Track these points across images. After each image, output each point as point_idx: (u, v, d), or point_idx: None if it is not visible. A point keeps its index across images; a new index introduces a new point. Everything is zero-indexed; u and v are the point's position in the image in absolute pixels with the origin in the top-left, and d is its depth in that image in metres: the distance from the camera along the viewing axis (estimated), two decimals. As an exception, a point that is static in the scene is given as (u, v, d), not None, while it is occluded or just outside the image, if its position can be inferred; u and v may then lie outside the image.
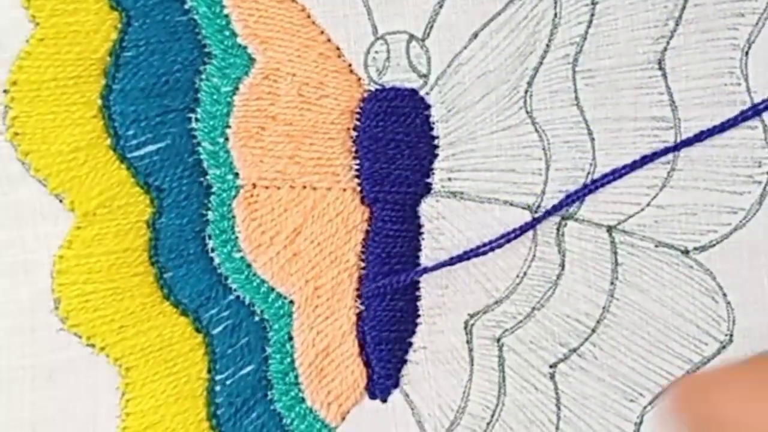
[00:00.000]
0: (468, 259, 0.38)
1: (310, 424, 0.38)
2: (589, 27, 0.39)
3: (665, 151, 0.38)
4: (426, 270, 0.38)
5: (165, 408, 0.37)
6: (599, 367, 0.39)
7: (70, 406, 0.37)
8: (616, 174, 0.38)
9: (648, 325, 0.39)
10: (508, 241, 0.38)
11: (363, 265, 0.38)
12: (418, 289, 0.38)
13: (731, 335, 0.39)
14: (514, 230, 0.38)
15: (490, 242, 0.38)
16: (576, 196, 0.38)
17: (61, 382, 0.37)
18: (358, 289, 0.38)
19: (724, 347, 0.39)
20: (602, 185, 0.39)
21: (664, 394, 0.38)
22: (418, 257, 0.38)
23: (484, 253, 0.38)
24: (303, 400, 0.38)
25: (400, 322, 0.38)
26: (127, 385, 0.37)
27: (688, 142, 0.38)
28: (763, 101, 0.39)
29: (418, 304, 0.39)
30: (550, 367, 0.39)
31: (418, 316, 0.39)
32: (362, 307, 0.38)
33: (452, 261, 0.38)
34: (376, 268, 0.38)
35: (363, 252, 0.38)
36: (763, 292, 0.39)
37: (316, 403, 0.38)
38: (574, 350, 0.39)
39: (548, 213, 0.38)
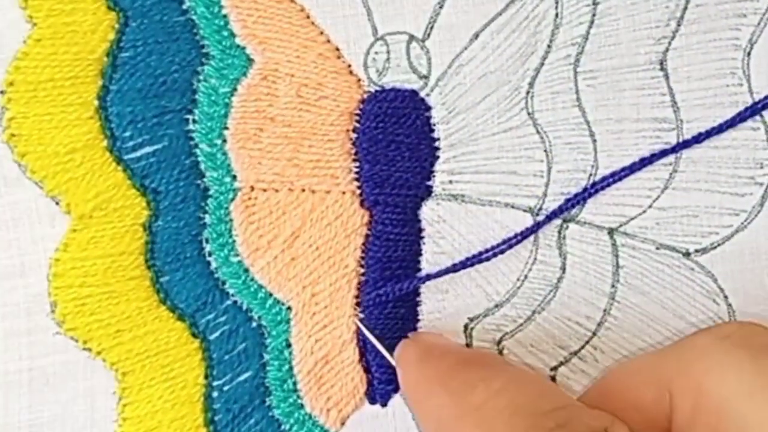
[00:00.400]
0: (471, 266, 0.38)
1: (309, 430, 0.39)
2: (590, 27, 0.39)
3: (663, 154, 0.39)
4: (429, 277, 0.38)
5: (162, 413, 0.38)
6: (600, 370, 0.39)
7: (67, 410, 0.38)
8: (616, 177, 0.39)
9: (649, 327, 0.40)
10: (510, 246, 0.38)
11: (362, 270, 0.39)
12: (418, 294, 0.39)
13: (732, 338, 0.39)
14: (516, 235, 0.38)
15: (492, 248, 0.39)
16: (576, 200, 0.39)
17: (58, 385, 0.38)
18: (357, 296, 0.39)
19: (725, 350, 0.39)
20: (602, 188, 0.39)
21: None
22: (418, 261, 0.39)
23: (488, 259, 0.38)
24: (302, 406, 0.39)
25: (400, 328, 0.39)
26: (124, 390, 0.38)
27: (686, 144, 0.39)
28: (761, 101, 0.39)
29: (419, 308, 0.39)
30: (551, 369, 0.39)
31: (418, 320, 0.39)
32: (362, 315, 0.38)
33: (455, 268, 0.38)
34: (376, 273, 0.39)
35: (362, 256, 0.39)
36: (765, 294, 0.40)
37: (316, 410, 0.39)
38: (575, 353, 0.39)
39: (549, 217, 0.39)
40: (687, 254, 0.40)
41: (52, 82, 0.37)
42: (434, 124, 0.39)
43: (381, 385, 0.39)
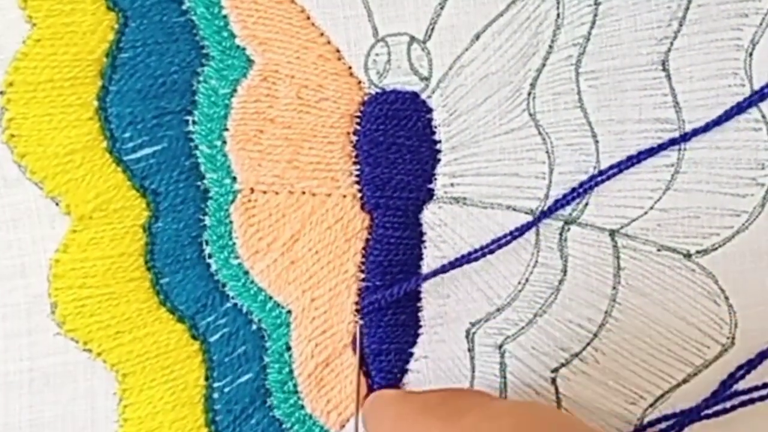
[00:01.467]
0: (464, 263, 0.38)
1: (309, 429, 0.39)
2: (592, 28, 0.39)
3: (649, 153, 0.39)
4: (426, 277, 0.39)
5: (163, 415, 0.38)
6: (601, 371, 0.40)
7: (68, 411, 0.38)
8: (605, 176, 0.39)
9: (650, 328, 0.40)
10: (500, 246, 0.39)
11: (362, 275, 0.39)
12: (419, 299, 0.39)
13: (733, 338, 0.40)
14: (506, 234, 0.38)
15: (489, 244, 0.39)
16: (570, 198, 0.39)
17: (59, 386, 0.38)
18: (357, 302, 0.39)
19: (725, 350, 0.40)
20: (597, 184, 0.39)
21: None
22: (419, 266, 0.39)
23: (476, 258, 0.39)
24: (302, 406, 0.39)
25: (400, 333, 0.39)
26: (125, 391, 0.39)
27: (674, 142, 0.39)
28: (760, 89, 0.39)
29: (420, 314, 0.39)
30: (552, 371, 0.40)
31: (420, 326, 0.39)
32: (361, 321, 0.39)
33: (452, 265, 0.38)
34: (377, 277, 0.39)
35: (363, 261, 0.39)
36: (765, 294, 0.40)
37: (316, 411, 0.39)
38: (576, 355, 0.40)
39: (544, 215, 0.39)
40: (688, 255, 0.40)
41: (51, 82, 0.37)
42: (435, 127, 0.39)
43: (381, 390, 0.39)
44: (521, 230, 0.39)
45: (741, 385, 0.41)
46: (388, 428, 0.36)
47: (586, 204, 0.40)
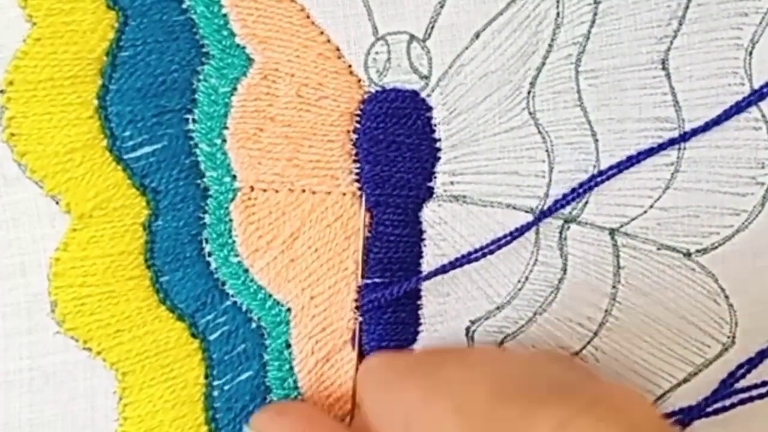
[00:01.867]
0: (465, 264, 0.38)
1: (310, 425, 0.39)
2: (592, 27, 0.39)
3: (649, 152, 0.39)
4: (427, 276, 0.39)
5: (163, 413, 0.39)
6: (601, 370, 0.40)
7: (67, 410, 0.38)
8: (605, 175, 0.39)
9: (650, 327, 0.40)
10: (499, 247, 0.39)
11: (362, 273, 0.39)
12: (419, 297, 0.39)
13: (733, 337, 0.40)
14: (506, 234, 0.39)
15: (489, 244, 0.39)
16: (571, 197, 0.39)
17: (59, 385, 0.38)
18: (356, 299, 0.39)
19: (726, 349, 0.40)
20: (597, 184, 0.39)
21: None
22: (419, 264, 0.39)
23: (477, 259, 0.39)
24: (303, 402, 0.39)
25: (400, 331, 0.39)
26: (124, 390, 0.39)
27: (673, 142, 0.39)
28: (758, 90, 0.39)
29: (420, 312, 0.39)
30: (552, 370, 0.40)
31: (420, 324, 0.39)
32: (361, 318, 0.39)
33: (452, 265, 0.38)
34: (376, 275, 0.39)
35: (363, 259, 0.39)
36: (766, 294, 0.40)
37: (317, 407, 0.39)
38: (576, 353, 0.40)
39: (544, 214, 0.39)
40: (688, 254, 0.40)
41: (51, 81, 0.37)
42: (435, 125, 0.40)
43: (382, 386, 0.39)
44: (521, 230, 0.39)
45: (741, 384, 0.41)
46: (370, 399, 0.36)
47: (586, 203, 0.40)
